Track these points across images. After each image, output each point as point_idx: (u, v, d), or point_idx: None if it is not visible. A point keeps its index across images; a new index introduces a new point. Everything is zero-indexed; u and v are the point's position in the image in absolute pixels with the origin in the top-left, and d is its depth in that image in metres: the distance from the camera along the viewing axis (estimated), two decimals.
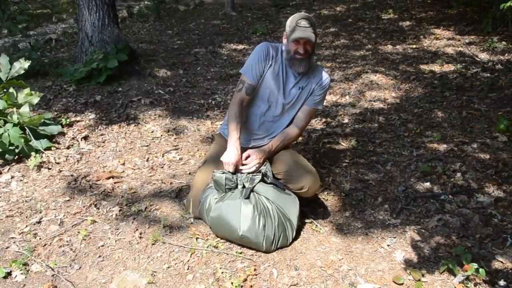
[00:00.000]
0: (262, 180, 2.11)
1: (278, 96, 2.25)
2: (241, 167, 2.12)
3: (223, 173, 2.10)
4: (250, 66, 2.18)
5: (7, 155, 2.83)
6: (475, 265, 1.82)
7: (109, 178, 2.72)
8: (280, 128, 2.33)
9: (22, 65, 3.18)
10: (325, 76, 2.27)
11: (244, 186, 2.09)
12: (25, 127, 2.97)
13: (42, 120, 3.06)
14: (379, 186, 2.63)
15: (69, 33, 6.82)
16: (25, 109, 2.99)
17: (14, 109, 3.03)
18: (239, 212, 2.00)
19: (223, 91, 4.30)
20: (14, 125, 2.88)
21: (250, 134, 2.33)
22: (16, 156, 2.87)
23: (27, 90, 3.07)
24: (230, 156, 2.09)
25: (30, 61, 3.26)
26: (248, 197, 2.03)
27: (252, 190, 2.06)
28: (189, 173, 2.80)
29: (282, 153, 2.29)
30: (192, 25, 7.54)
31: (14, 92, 3.06)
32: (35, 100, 3.11)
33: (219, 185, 2.10)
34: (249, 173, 2.11)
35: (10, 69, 3.13)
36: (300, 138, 3.25)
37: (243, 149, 2.28)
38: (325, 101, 2.31)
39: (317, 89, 2.26)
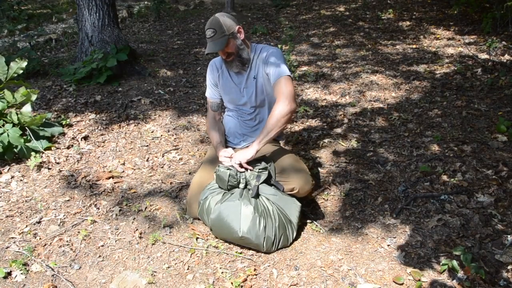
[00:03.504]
0: (267, 179, 2.11)
1: (239, 97, 2.30)
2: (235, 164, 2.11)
3: (228, 169, 2.09)
4: (207, 88, 2.43)
5: (6, 156, 2.82)
6: (474, 265, 1.82)
7: (109, 178, 2.72)
8: (264, 122, 2.32)
9: (19, 64, 3.15)
10: (266, 51, 2.20)
11: (246, 185, 2.08)
12: (26, 127, 2.97)
13: (44, 120, 3.06)
14: (379, 186, 2.63)
15: (69, 33, 6.82)
16: (27, 108, 2.98)
17: (13, 109, 3.02)
18: (239, 213, 2.00)
19: None
20: (14, 125, 2.87)
21: (238, 136, 2.38)
22: (16, 156, 2.87)
23: (22, 89, 3.05)
24: (223, 155, 2.16)
25: (26, 60, 3.22)
26: (257, 197, 2.04)
27: (258, 188, 2.07)
28: (189, 173, 2.80)
29: (275, 154, 2.28)
30: (192, 25, 7.55)
31: (10, 93, 3.04)
32: (33, 98, 3.09)
33: (222, 181, 2.09)
34: (240, 166, 2.09)
35: (8, 69, 3.11)
36: (299, 137, 3.25)
37: (237, 150, 2.30)
38: (290, 70, 2.17)
39: (267, 66, 2.17)
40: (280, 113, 2.04)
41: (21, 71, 3.16)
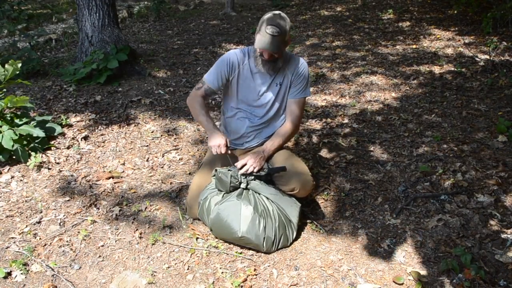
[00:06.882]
0: (267, 174, 2.13)
1: (256, 98, 2.25)
2: (239, 170, 2.10)
3: (228, 170, 2.08)
4: (212, 73, 2.23)
5: (1, 156, 2.81)
6: (474, 265, 1.83)
7: (109, 178, 2.72)
8: (271, 126, 2.33)
9: (15, 66, 3.12)
10: (299, 63, 2.23)
11: (247, 185, 2.08)
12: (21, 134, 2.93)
13: (35, 123, 3.02)
14: (379, 186, 2.63)
15: (69, 33, 6.82)
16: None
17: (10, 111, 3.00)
18: (239, 213, 2.00)
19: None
20: (10, 127, 2.86)
21: (241, 138, 2.34)
22: (13, 157, 2.86)
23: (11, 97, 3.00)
24: (215, 139, 2.09)
25: (21, 62, 3.19)
26: (269, 181, 2.08)
27: (259, 177, 2.10)
28: (189, 173, 2.81)
29: (275, 155, 2.27)
30: (192, 25, 7.55)
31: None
32: (24, 104, 3.02)
33: (223, 183, 2.06)
34: (249, 174, 2.10)
35: (5, 71, 3.09)
36: (299, 137, 3.26)
37: (238, 152, 2.33)
38: (310, 88, 2.26)
39: (295, 79, 2.22)
40: (293, 132, 2.29)
41: (17, 72, 3.14)
